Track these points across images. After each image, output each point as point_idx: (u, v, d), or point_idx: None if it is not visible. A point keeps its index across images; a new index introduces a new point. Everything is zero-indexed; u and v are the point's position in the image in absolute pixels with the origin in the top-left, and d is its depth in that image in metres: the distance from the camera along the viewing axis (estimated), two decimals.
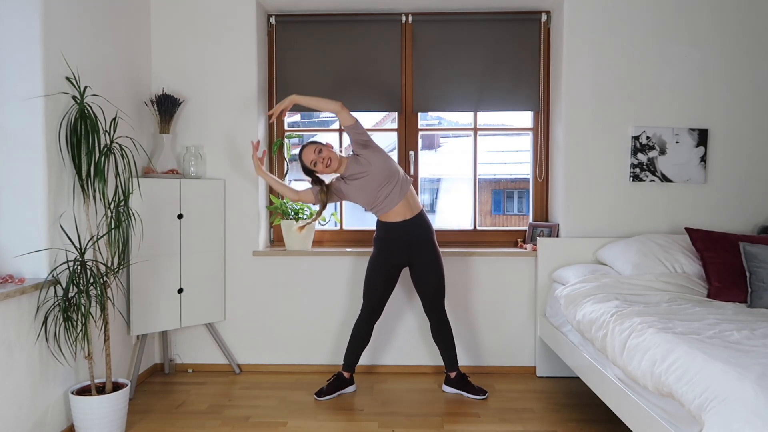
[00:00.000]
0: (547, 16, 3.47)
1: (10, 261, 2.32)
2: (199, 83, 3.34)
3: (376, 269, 2.94)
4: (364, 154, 2.83)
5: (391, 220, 2.86)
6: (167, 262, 3.09)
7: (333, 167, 2.85)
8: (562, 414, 2.78)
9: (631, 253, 2.93)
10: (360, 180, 2.83)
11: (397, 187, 2.82)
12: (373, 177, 2.80)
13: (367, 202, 2.87)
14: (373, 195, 2.82)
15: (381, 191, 2.81)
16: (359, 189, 2.85)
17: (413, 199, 2.89)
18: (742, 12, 3.25)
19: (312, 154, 2.85)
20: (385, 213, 2.85)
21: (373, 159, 2.81)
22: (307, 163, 2.88)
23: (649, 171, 3.28)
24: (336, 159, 2.85)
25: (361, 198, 2.88)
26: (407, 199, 2.85)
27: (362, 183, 2.83)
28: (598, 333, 2.28)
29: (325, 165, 2.83)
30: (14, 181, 2.31)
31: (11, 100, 2.28)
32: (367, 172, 2.81)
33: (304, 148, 2.89)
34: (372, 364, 3.41)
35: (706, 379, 1.58)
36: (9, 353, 2.14)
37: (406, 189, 2.85)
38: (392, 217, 2.85)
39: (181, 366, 3.43)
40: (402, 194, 2.82)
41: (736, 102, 3.28)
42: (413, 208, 2.86)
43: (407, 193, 2.85)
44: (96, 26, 2.72)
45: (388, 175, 2.81)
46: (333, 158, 2.84)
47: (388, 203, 2.82)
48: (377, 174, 2.80)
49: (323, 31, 3.51)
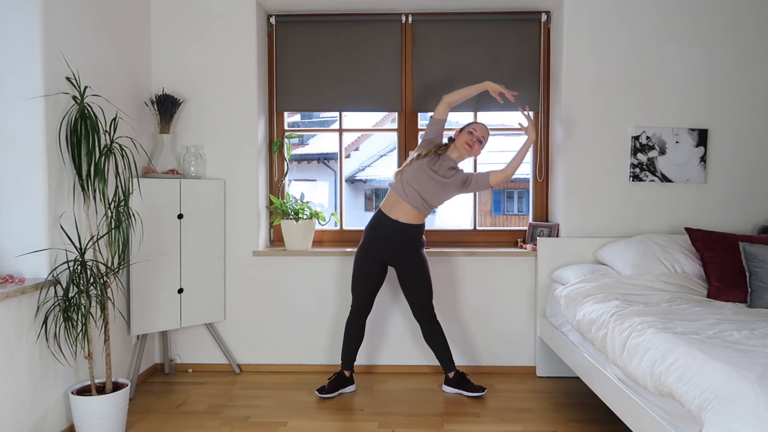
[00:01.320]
0: (547, 16, 3.47)
1: (10, 261, 2.32)
2: (199, 83, 3.34)
3: (362, 264, 2.94)
4: (457, 179, 2.89)
5: (388, 213, 2.87)
6: (167, 262, 3.09)
7: (462, 150, 2.89)
8: (562, 414, 2.78)
9: (631, 253, 2.93)
10: (430, 170, 2.85)
11: (421, 200, 2.84)
12: (432, 182, 2.84)
13: (405, 178, 2.86)
14: (413, 179, 2.84)
15: (415, 186, 2.83)
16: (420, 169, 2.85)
17: (418, 216, 2.90)
18: (742, 12, 3.25)
19: (480, 132, 2.91)
20: (392, 199, 2.87)
21: (449, 185, 2.88)
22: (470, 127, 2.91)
23: (649, 171, 3.28)
24: (464, 155, 2.91)
25: (412, 169, 2.86)
26: (418, 213, 2.88)
27: (425, 173, 2.84)
28: (598, 333, 2.28)
29: (467, 142, 2.87)
30: (14, 181, 2.31)
31: (11, 100, 2.29)
32: (437, 177, 2.85)
33: (482, 126, 2.94)
34: (372, 364, 3.41)
35: (706, 379, 1.58)
36: (9, 353, 2.14)
37: (422, 211, 2.89)
38: (390, 210, 2.86)
39: (181, 366, 3.43)
40: (415, 204, 2.85)
41: (736, 102, 3.28)
42: (411, 219, 2.87)
43: (422, 213, 2.89)
44: (96, 26, 2.72)
45: (431, 193, 2.85)
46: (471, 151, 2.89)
47: (404, 191, 2.84)
48: (435, 185, 2.84)
49: (323, 31, 3.51)
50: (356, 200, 9.97)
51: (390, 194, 2.91)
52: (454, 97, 2.93)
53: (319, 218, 3.41)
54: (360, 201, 10.00)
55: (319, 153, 9.17)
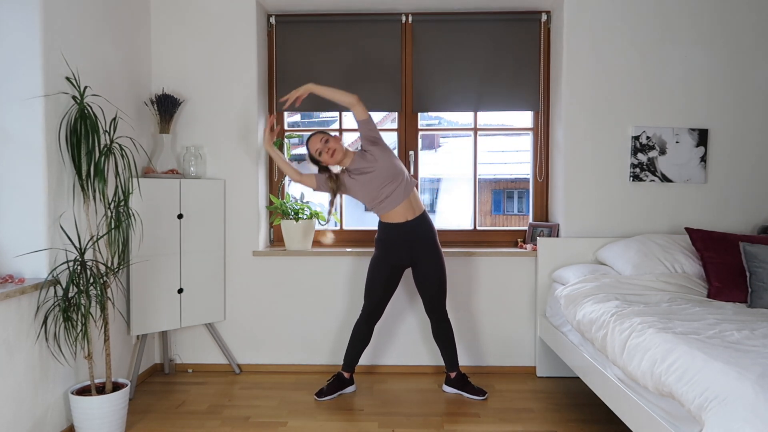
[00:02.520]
0: (547, 16, 3.47)
1: (10, 261, 2.32)
2: (199, 83, 3.34)
3: (377, 270, 2.93)
4: (371, 151, 2.83)
5: (393, 220, 2.85)
6: (167, 262, 3.09)
7: (337, 158, 2.84)
8: (562, 414, 2.78)
9: (631, 253, 2.93)
10: (364, 175, 2.82)
11: (401, 188, 2.81)
12: (377, 174, 2.80)
13: (368, 198, 2.86)
14: (376, 192, 2.82)
15: (384, 189, 2.80)
16: (363, 185, 2.84)
17: (416, 201, 2.88)
18: (742, 12, 3.25)
19: (318, 143, 2.84)
20: (386, 213, 2.85)
21: (380, 156, 2.81)
22: (312, 152, 2.87)
23: (649, 171, 3.27)
24: (341, 151, 2.84)
25: (363, 194, 2.87)
26: (410, 201, 2.84)
27: (366, 179, 2.82)
28: (598, 333, 2.28)
29: (329, 155, 2.82)
30: (14, 181, 2.31)
31: (11, 100, 2.29)
32: (373, 168, 2.80)
33: (312, 137, 2.88)
34: (372, 364, 3.41)
35: (706, 379, 1.58)
36: (9, 353, 2.14)
37: (409, 191, 2.84)
38: (394, 218, 2.85)
39: (181, 366, 3.43)
40: (405, 195, 2.82)
41: (736, 102, 3.28)
42: (415, 210, 2.86)
43: (410, 195, 2.85)
44: (96, 26, 2.72)
45: (393, 174, 2.80)
46: (338, 149, 2.83)
47: (389, 203, 2.81)
48: (382, 171, 2.79)
49: (323, 31, 3.51)
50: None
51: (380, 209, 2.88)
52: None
53: (319, 218, 3.41)
54: None
55: None
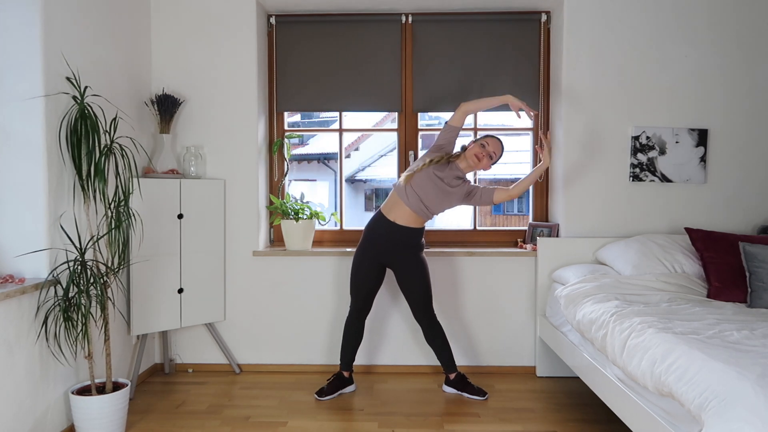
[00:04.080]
0: (547, 16, 3.47)
1: (10, 261, 2.32)
2: (199, 83, 3.34)
3: (360, 264, 2.93)
4: (461, 189, 2.85)
5: (387, 215, 2.86)
6: (167, 262, 3.09)
7: (470, 162, 2.86)
8: (562, 414, 2.78)
9: (631, 253, 2.93)
10: (436, 177, 2.81)
11: (422, 206, 2.82)
12: (435, 189, 2.80)
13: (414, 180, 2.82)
14: (417, 185, 2.80)
15: (419, 192, 2.80)
16: (426, 175, 2.80)
17: (417, 220, 2.87)
18: (742, 12, 3.25)
19: (492, 148, 2.86)
20: (392, 201, 2.85)
21: (453, 194, 2.84)
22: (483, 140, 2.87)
23: (649, 171, 3.28)
24: (474, 167, 2.87)
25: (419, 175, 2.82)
26: (417, 216, 2.85)
27: (432, 179, 2.80)
28: (598, 333, 2.28)
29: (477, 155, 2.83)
30: (14, 181, 2.31)
31: (11, 100, 2.29)
32: (442, 185, 2.81)
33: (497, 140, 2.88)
34: (372, 364, 3.41)
35: (706, 379, 1.58)
36: (9, 353, 2.14)
37: (421, 215, 2.85)
38: (395, 214, 2.84)
39: (181, 366, 3.43)
40: (417, 210, 2.82)
41: (735, 102, 3.28)
42: (416, 223, 2.86)
43: (420, 218, 2.86)
44: (96, 26, 2.72)
45: (433, 201, 2.81)
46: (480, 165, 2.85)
47: (407, 196, 2.80)
48: (438, 192, 2.81)
49: (323, 31, 3.51)
50: (356, 200, 9.96)
51: (392, 195, 2.89)
52: (471, 106, 2.89)
53: (319, 218, 3.41)
54: (360, 201, 9.99)
55: (319, 153, 9.18)
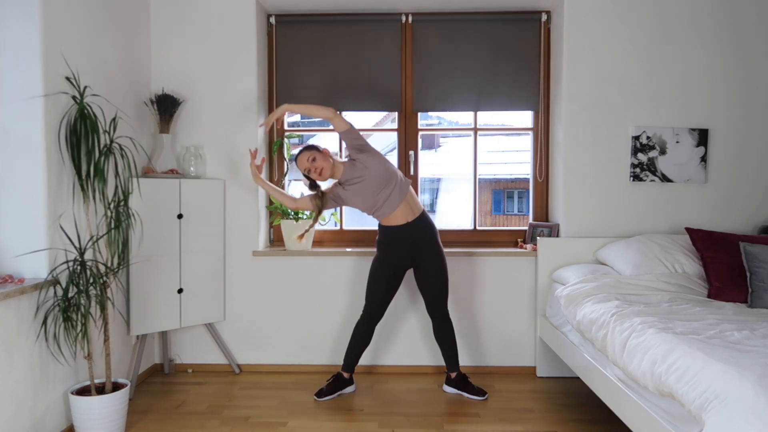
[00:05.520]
0: (547, 16, 3.47)
1: (10, 261, 2.32)
2: (199, 83, 3.34)
3: (379, 272, 2.92)
4: (360, 159, 2.81)
5: (394, 223, 2.84)
6: (167, 262, 3.08)
7: (325, 176, 2.84)
8: (562, 414, 2.78)
9: (632, 253, 2.92)
10: (357, 185, 2.82)
11: (396, 190, 2.80)
12: (370, 181, 2.78)
13: (366, 206, 2.86)
14: (372, 199, 2.81)
15: (380, 195, 2.79)
16: (357, 194, 2.83)
17: (414, 202, 2.87)
18: (742, 11, 3.25)
19: (306, 162, 2.83)
20: (386, 217, 2.84)
21: (369, 162, 2.79)
22: (301, 170, 2.87)
23: (649, 171, 3.27)
24: (329, 168, 2.83)
25: (360, 203, 2.86)
26: (408, 202, 2.83)
27: (360, 187, 2.81)
28: (599, 333, 2.28)
29: (318, 174, 2.82)
30: (14, 181, 2.31)
31: (11, 100, 2.28)
32: (364, 176, 2.79)
33: (300, 154, 2.86)
34: (372, 364, 3.41)
35: (706, 379, 1.58)
36: (9, 353, 2.14)
37: (405, 191, 2.83)
38: (394, 221, 2.84)
39: (181, 366, 3.43)
40: (402, 196, 2.81)
41: (736, 102, 3.28)
42: (414, 211, 2.86)
43: (407, 196, 2.84)
44: (96, 26, 2.72)
45: (386, 178, 2.79)
46: (326, 168, 2.81)
47: (388, 207, 2.80)
48: (374, 177, 2.78)
49: (323, 31, 3.51)
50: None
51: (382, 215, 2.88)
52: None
53: (319, 218, 3.40)
54: None
55: None
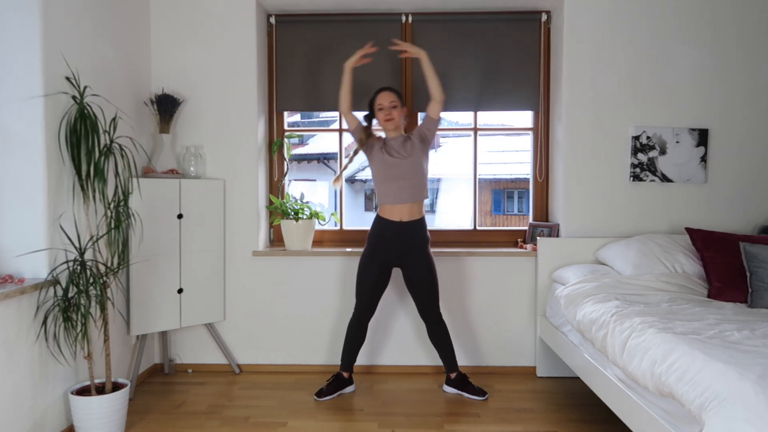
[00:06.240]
0: (547, 16, 3.47)
1: (9, 261, 2.32)
2: (199, 83, 3.34)
3: (366, 268, 2.93)
4: (415, 144, 2.85)
5: (390, 217, 2.86)
6: (167, 262, 3.08)
7: (388, 126, 2.87)
8: (562, 414, 2.78)
9: (632, 253, 2.92)
10: (392, 158, 2.83)
11: (413, 190, 2.83)
12: (403, 166, 2.81)
13: (380, 177, 2.85)
14: (390, 178, 2.82)
15: (399, 181, 2.81)
16: (384, 163, 2.83)
17: (418, 210, 2.89)
18: (743, 12, 3.25)
19: (386, 102, 2.86)
20: (388, 205, 2.85)
21: (417, 153, 2.83)
22: (375, 104, 2.88)
23: (649, 171, 3.27)
24: (397, 123, 2.87)
25: (380, 171, 2.84)
26: (413, 205, 2.85)
27: (392, 161, 2.83)
28: (599, 333, 2.28)
29: (385, 118, 2.84)
30: (14, 181, 2.31)
31: (11, 100, 2.28)
32: (403, 158, 2.82)
33: (384, 91, 2.88)
34: (372, 364, 3.41)
35: (706, 380, 1.58)
36: (9, 353, 2.14)
37: (418, 198, 2.86)
38: (391, 215, 2.85)
39: (181, 366, 3.43)
40: (412, 198, 2.83)
41: (736, 102, 3.28)
42: (414, 215, 2.87)
43: (416, 203, 2.86)
44: (96, 26, 2.72)
45: (414, 175, 2.82)
46: (395, 120, 2.85)
47: (395, 196, 2.82)
48: (410, 165, 2.81)
49: (323, 31, 3.51)
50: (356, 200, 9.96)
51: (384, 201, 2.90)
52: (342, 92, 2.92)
53: (319, 218, 3.41)
54: (360, 201, 9.99)
55: (319, 153, 9.17)
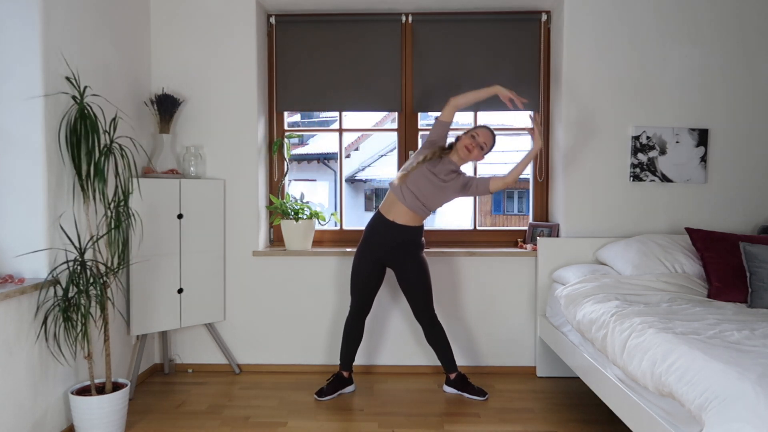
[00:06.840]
0: (547, 16, 3.47)
1: (10, 261, 2.32)
2: (199, 83, 3.34)
3: (359, 265, 2.94)
4: (457, 182, 2.85)
5: (386, 214, 2.86)
6: (167, 262, 3.08)
7: (462, 154, 2.86)
8: (562, 414, 2.78)
9: (632, 253, 2.92)
10: (431, 174, 2.82)
11: (420, 204, 2.82)
12: (432, 186, 2.81)
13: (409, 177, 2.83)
14: (413, 183, 2.81)
15: (417, 192, 2.81)
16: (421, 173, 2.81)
17: (417, 219, 2.88)
18: (742, 11, 3.25)
19: (482, 138, 2.86)
20: (390, 200, 2.85)
21: (450, 189, 2.85)
22: (473, 131, 2.88)
23: (649, 171, 3.27)
24: (467, 159, 2.88)
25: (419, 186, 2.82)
26: (415, 215, 2.85)
27: (428, 176, 2.82)
28: (599, 333, 2.28)
29: (466, 150, 2.84)
30: (14, 181, 2.31)
31: (11, 100, 2.28)
32: (439, 181, 2.82)
33: (486, 130, 2.89)
34: (371, 365, 3.41)
35: (706, 379, 1.58)
36: (9, 353, 2.14)
37: (420, 214, 2.86)
38: (393, 214, 2.85)
39: (181, 366, 3.43)
40: (414, 208, 2.83)
41: (736, 102, 3.28)
42: (408, 221, 2.86)
43: (418, 216, 2.86)
44: (96, 26, 2.72)
45: (431, 198, 2.83)
46: (471, 156, 2.86)
47: (403, 196, 2.81)
48: (435, 189, 2.82)
49: (323, 31, 3.51)
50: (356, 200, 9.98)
51: (389, 195, 2.90)
52: (461, 100, 2.88)
53: (319, 218, 3.41)
54: (360, 201, 10.01)
55: (319, 153, 9.18)
